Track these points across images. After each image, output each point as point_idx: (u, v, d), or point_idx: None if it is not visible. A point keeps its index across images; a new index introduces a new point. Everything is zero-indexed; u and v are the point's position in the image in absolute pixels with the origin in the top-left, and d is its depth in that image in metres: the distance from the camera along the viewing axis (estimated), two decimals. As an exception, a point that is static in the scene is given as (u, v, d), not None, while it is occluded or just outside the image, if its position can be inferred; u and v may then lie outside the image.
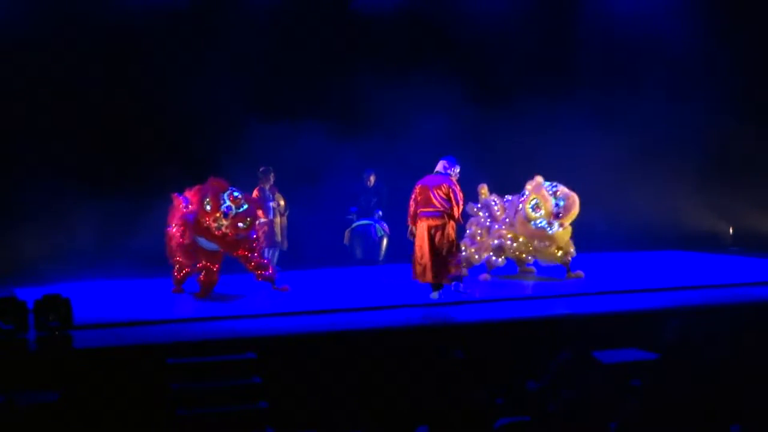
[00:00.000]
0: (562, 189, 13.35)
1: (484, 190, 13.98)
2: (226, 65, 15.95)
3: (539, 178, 13.34)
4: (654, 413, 5.61)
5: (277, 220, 15.18)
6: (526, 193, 13.35)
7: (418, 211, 11.89)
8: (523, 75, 17.52)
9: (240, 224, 12.09)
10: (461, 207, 12.03)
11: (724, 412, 5.75)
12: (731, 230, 18.08)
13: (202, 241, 12.22)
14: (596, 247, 16.31)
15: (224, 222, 11.99)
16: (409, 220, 12.10)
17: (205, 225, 12.04)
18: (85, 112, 15.40)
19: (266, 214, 14.86)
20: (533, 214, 13.17)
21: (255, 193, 14.61)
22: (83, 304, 10.98)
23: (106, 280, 14.03)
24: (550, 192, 13.21)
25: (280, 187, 15.34)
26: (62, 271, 14.28)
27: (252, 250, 12.55)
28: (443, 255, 11.75)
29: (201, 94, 15.35)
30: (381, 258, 16.29)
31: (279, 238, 15.21)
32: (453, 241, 11.88)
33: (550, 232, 13.21)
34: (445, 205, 11.76)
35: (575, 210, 13.28)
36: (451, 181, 11.95)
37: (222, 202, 11.98)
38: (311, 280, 14.04)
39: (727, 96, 17.15)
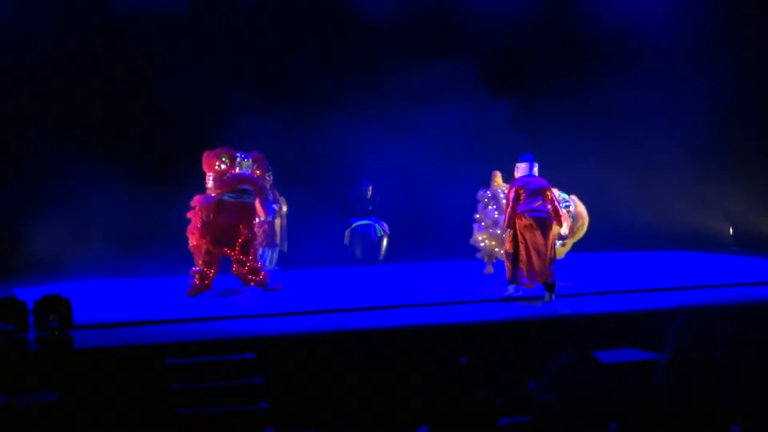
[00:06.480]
0: (575, 207, 12.94)
1: (498, 178, 13.53)
2: (225, 63, 15.96)
3: (554, 191, 12.60)
4: (654, 413, 5.60)
5: (277, 221, 15.17)
6: None
7: (522, 212, 11.64)
8: (521, 73, 17.52)
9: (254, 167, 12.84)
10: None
11: (724, 412, 5.75)
12: (731, 230, 18.06)
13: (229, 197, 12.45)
14: (596, 247, 16.30)
15: (247, 162, 12.61)
16: (507, 222, 11.81)
17: (227, 178, 12.42)
18: (84, 112, 15.39)
19: (268, 214, 14.84)
20: None
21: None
22: (83, 304, 10.98)
23: (106, 280, 14.03)
24: (561, 207, 12.38)
25: (280, 186, 15.33)
26: (62, 271, 14.27)
27: (247, 253, 12.57)
28: (550, 257, 11.68)
29: (199, 93, 15.34)
30: (381, 258, 16.28)
31: (278, 239, 15.20)
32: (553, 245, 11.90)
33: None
34: (550, 208, 11.73)
35: (581, 233, 12.97)
36: (549, 184, 11.96)
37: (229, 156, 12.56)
38: (311, 280, 14.03)
39: (727, 95, 17.12)
